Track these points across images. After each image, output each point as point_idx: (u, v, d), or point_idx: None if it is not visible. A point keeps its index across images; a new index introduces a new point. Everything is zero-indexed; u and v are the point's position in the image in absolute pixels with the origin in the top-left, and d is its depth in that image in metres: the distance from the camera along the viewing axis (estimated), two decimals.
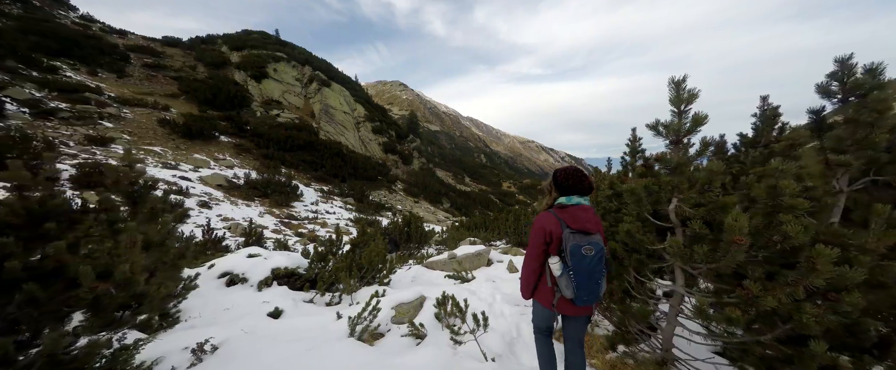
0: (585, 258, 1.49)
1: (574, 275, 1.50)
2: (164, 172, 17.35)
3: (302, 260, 4.17)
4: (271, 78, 35.95)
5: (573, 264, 1.50)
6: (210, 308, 3.01)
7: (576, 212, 1.57)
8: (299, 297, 3.51)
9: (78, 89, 21.59)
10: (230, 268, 3.76)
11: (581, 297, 1.53)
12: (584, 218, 1.56)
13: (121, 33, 34.42)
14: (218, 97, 28.86)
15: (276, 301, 3.28)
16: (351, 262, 3.70)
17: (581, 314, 1.65)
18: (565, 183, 1.64)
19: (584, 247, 1.49)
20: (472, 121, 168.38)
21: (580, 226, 1.53)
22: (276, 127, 29.14)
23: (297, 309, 3.21)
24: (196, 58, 35.29)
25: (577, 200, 1.61)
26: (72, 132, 17.62)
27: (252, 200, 18.46)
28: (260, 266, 3.84)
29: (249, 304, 3.16)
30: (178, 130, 22.55)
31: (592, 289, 1.51)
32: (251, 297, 3.34)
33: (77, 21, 31.56)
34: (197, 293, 3.24)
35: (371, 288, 3.81)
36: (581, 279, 1.49)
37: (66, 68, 23.77)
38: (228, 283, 3.63)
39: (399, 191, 31.79)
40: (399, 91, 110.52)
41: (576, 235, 1.51)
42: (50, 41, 24.65)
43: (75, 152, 15.55)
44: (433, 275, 4.78)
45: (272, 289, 3.63)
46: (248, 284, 3.65)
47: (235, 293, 3.44)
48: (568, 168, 1.71)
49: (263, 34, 47.10)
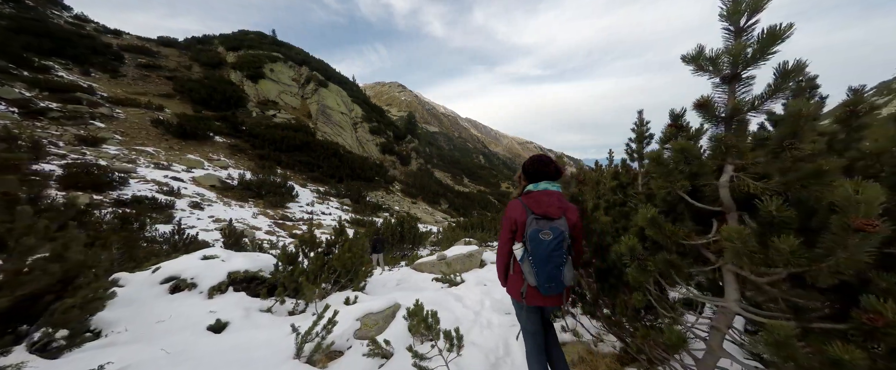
0: (542, 242, 1.49)
1: (533, 260, 1.51)
2: (155, 173, 16.90)
3: (268, 262, 3.72)
4: (268, 78, 35.58)
5: (531, 249, 1.51)
6: (141, 320, 2.52)
7: (540, 196, 1.60)
8: (256, 306, 3.02)
9: (69, 89, 21.22)
10: (177, 271, 3.30)
11: (542, 284, 1.52)
12: (546, 202, 1.57)
13: (115, 33, 34.15)
14: (213, 97, 28.47)
15: (226, 311, 2.78)
16: (322, 265, 3.25)
17: (548, 305, 1.64)
18: (531, 169, 1.70)
19: (542, 231, 1.50)
20: (470, 122, 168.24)
21: (542, 211, 1.55)
22: (273, 127, 28.73)
23: (249, 320, 2.73)
24: (192, 58, 34.97)
25: (545, 186, 1.64)
26: (61, 132, 17.22)
27: (246, 201, 17.99)
28: (214, 269, 3.36)
29: (191, 315, 2.68)
30: (172, 131, 22.14)
31: (552, 275, 1.50)
32: (196, 307, 2.85)
33: (71, 21, 31.28)
34: (131, 302, 2.81)
35: (344, 293, 3.37)
36: (539, 265, 1.50)
37: (58, 68, 23.43)
38: (172, 290, 3.16)
39: (397, 192, 31.30)
40: (397, 92, 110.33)
41: (539, 220, 1.53)
42: (42, 40, 24.34)
43: (64, 152, 15.14)
44: (420, 278, 4.38)
45: (226, 296, 3.13)
46: (196, 291, 3.15)
47: (179, 301, 2.95)
48: (535, 156, 1.75)
49: (260, 34, 46.82)
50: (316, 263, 3.34)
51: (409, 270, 4.64)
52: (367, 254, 8.79)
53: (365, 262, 3.60)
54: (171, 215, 12.19)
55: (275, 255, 3.87)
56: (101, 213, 9.23)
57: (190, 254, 3.77)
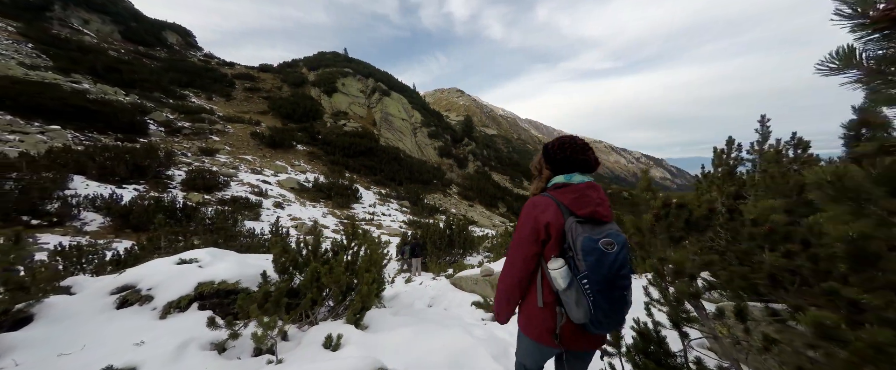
0: (607, 256, 1.01)
1: (589, 285, 1.02)
2: (251, 177, 20.10)
3: (263, 269, 2.75)
4: (340, 92, 39.62)
5: (588, 268, 1.01)
6: (52, 347, 2.00)
7: (585, 191, 1.12)
8: (206, 338, 2.18)
9: (197, 111, 26.77)
10: (135, 279, 2.70)
11: (599, 319, 1.04)
12: (595, 199, 1.11)
13: (230, 65, 42.12)
14: (296, 111, 32.82)
15: (156, 344, 2.05)
16: (312, 280, 2.44)
17: (591, 349, 1.16)
18: (561, 155, 1.20)
19: (601, 240, 1.02)
20: (530, 123, 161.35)
21: (591, 212, 1.08)
22: (342, 135, 31.73)
23: (183, 362, 1.94)
24: (282, 79, 41.05)
25: (581, 178, 1.17)
26: (190, 145, 21.78)
27: (318, 202, 20.10)
28: (184, 278, 2.68)
29: (112, 346, 2.05)
30: (265, 141, 26.16)
31: (617, 306, 1.04)
32: (130, 332, 2.21)
33: (201, 58, 39.82)
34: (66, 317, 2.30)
35: (335, 326, 2.42)
36: (600, 291, 1.01)
37: (191, 95, 29.85)
38: (121, 303, 2.53)
39: (454, 195, 31.45)
40: (456, 97, 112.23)
41: (585, 226, 1.06)
42: (182, 75, 31.36)
43: (190, 161, 19.08)
44: (458, 298, 3.65)
45: (182, 316, 2.43)
46: (148, 306, 2.50)
47: (118, 321, 2.34)
48: (563, 137, 1.24)
49: (335, 54, 52.64)
50: (309, 277, 2.47)
51: (447, 285, 4.03)
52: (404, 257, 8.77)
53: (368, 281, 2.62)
54: (259, 213, 14.16)
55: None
56: (207, 210, 11.15)
57: (166, 257, 3.15)
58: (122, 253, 4.94)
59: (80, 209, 9.62)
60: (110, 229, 9.38)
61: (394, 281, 5.29)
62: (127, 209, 9.67)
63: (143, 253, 4.33)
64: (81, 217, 9.49)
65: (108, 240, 8.67)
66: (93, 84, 23.08)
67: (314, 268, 2.46)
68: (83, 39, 29.26)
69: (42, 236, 8.06)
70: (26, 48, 23.39)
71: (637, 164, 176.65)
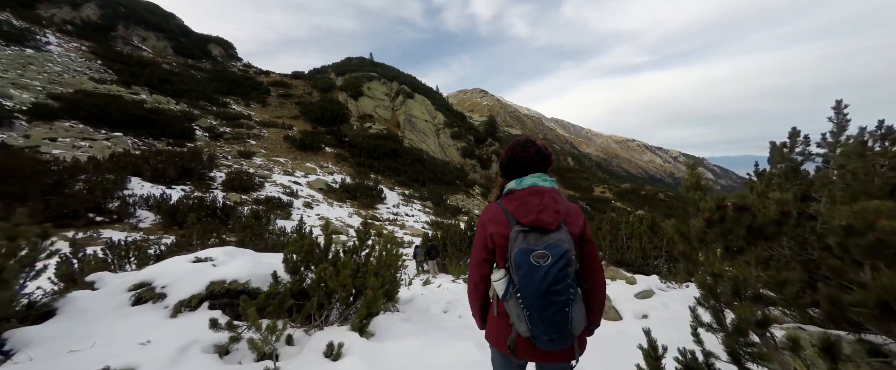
0: (537, 270, 0.96)
1: (523, 299, 0.99)
2: (284, 178, 21.22)
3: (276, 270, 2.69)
4: (366, 95, 40.78)
5: (520, 281, 0.99)
6: (62, 343, 2.03)
7: (526, 197, 1.07)
8: (209, 341, 2.15)
9: (237, 117, 28.75)
10: (152, 277, 2.72)
11: (538, 336, 1.00)
12: (537, 205, 1.04)
13: (266, 74, 44.89)
14: (325, 115, 34.21)
15: (167, 341, 2.05)
16: (320, 281, 2.36)
17: (555, 361, 1.09)
18: (510, 159, 1.17)
19: (534, 252, 0.98)
20: (557, 122, 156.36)
21: (533, 220, 1.02)
22: (368, 137, 32.58)
23: (182, 365, 1.92)
24: (312, 85, 43.04)
25: (531, 181, 1.11)
26: (230, 149, 23.42)
27: (344, 202, 20.76)
28: (198, 276, 2.67)
29: (118, 344, 2.07)
30: (296, 144, 27.52)
31: (554, 322, 0.97)
32: (139, 330, 2.23)
33: (240, 68, 42.85)
34: (84, 313, 2.36)
35: (341, 330, 2.34)
36: (533, 306, 0.97)
37: (231, 103, 32.14)
38: (136, 300, 2.57)
39: (477, 196, 31.13)
40: (479, 98, 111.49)
41: (528, 236, 1.02)
42: (224, 84, 33.88)
43: (230, 163, 20.51)
44: None
45: (192, 315, 2.42)
46: (161, 305, 2.51)
47: (132, 318, 2.37)
48: (514, 141, 1.22)
49: (361, 59, 54.34)
50: (316, 279, 2.38)
51: (464, 289, 3.91)
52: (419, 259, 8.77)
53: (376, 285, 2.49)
54: (290, 212, 14.84)
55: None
56: (244, 210, 11.85)
57: (184, 255, 3.20)
58: (162, 249, 5.31)
59: (136, 207, 10.60)
60: (160, 226, 10.24)
61: (411, 283, 5.23)
62: (174, 208, 10.51)
63: (177, 249, 4.62)
64: (137, 215, 10.45)
65: (157, 236, 9.45)
66: (149, 95, 25.59)
67: (322, 269, 2.38)
68: (141, 55, 32.59)
69: (104, 231, 8.96)
70: (96, 64, 26.45)
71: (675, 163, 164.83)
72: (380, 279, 2.44)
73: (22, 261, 1.99)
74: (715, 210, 0.97)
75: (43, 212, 8.36)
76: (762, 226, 0.92)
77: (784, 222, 0.93)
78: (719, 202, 0.98)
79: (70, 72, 23.52)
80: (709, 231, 0.98)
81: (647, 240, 6.08)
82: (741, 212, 0.94)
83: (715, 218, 0.97)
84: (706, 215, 0.98)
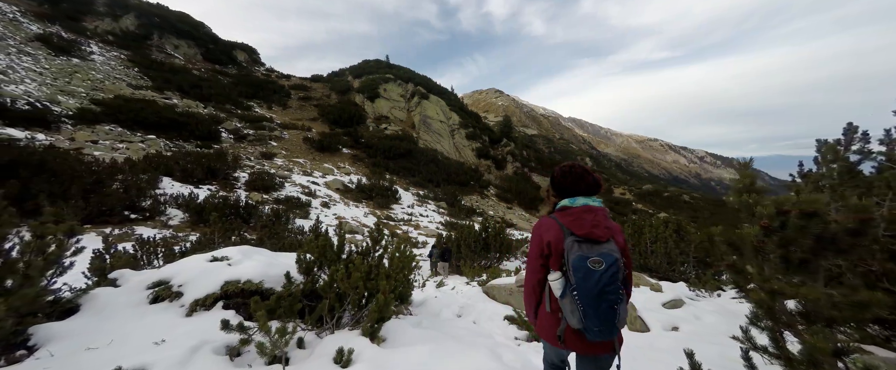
0: (593, 273, 1.17)
1: (579, 297, 1.19)
2: (303, 178, 21.82)
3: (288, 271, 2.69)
4: (382, 97, 41.35)
5: (577, 282, 1.20)
6: (82, 341, 2.05)
7: (581, 214, 1.31)
8: (221, 341, 2.14)
9: (260, 120, 29.88)
10: (169, 275, 2.73)
11: (591, 328, 1.20)
12: (590, 221, 1.27)
13: (287, 77, 46.45)
14: (342, 117, 34.96)
15: (180, 341, 2.05)
16: (331, 283, 2.30)
17: (597, 353, 1.29)
18: (564, 181, 1.42)
19: (590, 258, 1.19)
20: (574, 121, 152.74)
21: (586, 232, 1.25)
22: (384, 138, 33.00)
23: (192, 366, 1.92)
24: (331, 88, 44.12)
25: (584, 201, 1.36)
26: (253, 150, 24.35)
27: (360, 202, 21.08)
28: (213, 275, 2.67)
29: (133, 343, 2.07)
30: (314, 145, 28.25)
31: (606, 317, 1.18)
32: (155, 328, 2.24)
33: (263, 73, 44.57)
34: (103, 309, 2.41)
35: (352, 335, 2.29)
36: (588, 303, 1.18)
37: (255, 106, 33.45)
38: (154, 299, 2.59)
39: (491, 197, 30.83)
40: (494, 98, 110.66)
41: (582, 245, 1.24)
42: (248, 88, 35.33)
43: (252, 164, 21.33)
44: (490, 310, 3.28)
45: (207, 314, 2.43)
46: (177, 303, 2.52)
47: (149, 316, 2.40)
48: (565, 164, 1.46)
49: (377, 61, 55.21)
50: (328, 281, 2.34)
51: (479, 293, 3.68)
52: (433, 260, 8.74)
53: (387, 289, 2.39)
54: (308, 212, 15.21)
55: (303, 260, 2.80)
56: (264, 209, 12.23)
57: (202, 253, 3.21)
58: (187, 246, 5.52)
59: (166, 206, 11.17)
60: (188, 224, 10.73)
61: (425, 285, 5.18)
62: (201, 206, 11.00)
63: (199, 247, 4.78)
64: (167, 213, 11.00)
65: (186, 233, 9.92)
66: (180, 99, 27.06)
67: (333, 271, 2.32)
68: (174, 62, 34.54)
69: (138, 228, 9.48)
70: (133, 72, 28.27)
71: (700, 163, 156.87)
72: (392, 282, 2.37)
73: (48, 258, 2.06)
74: (775, 216, 0.83)
75: (83, 209, 8.96)
76: (834, 235, 0.77)
77: (863, 232, 0.78)
78: (780, 206, 0.83)
79: (110, 79, 25.25)
80: (767, 240, 0.84)
81: (672, 245, 5.75)
82: (808, 219, 0.79)
83: (775, 225, 0.83)
84: (764, 222, 0.84)
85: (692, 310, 3.29)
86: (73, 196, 8.80)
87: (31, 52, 23.05)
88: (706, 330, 2.83)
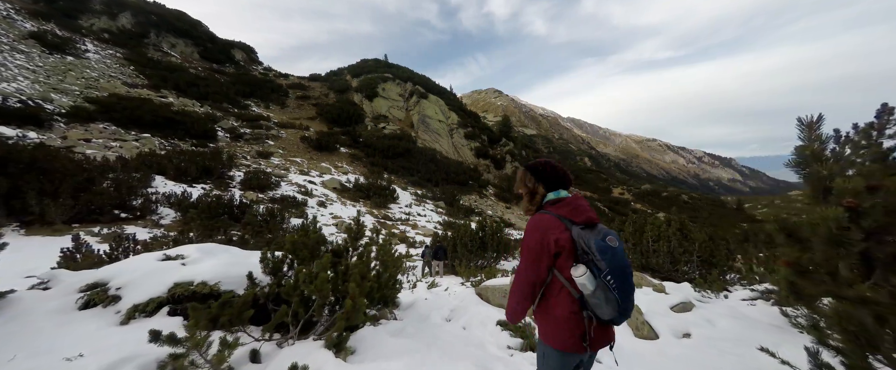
0: (616, 251, 1.16)
1: (614, 279, 1.13)
2: (299, 177, 21.58)
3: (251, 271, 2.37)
4: (380, 96, 41.14)
5: (608, 264, 1.14)
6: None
7: (575, 202, 1.31)
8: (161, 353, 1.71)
9: (257, 119, 29.62)
10: (108, 276, 2.41)
11: (625, 308, 1.16)
12: (585, 206, 1.30)
13: (285, 77, 46.17)
14: (341, 116, 34.73)
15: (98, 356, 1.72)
16: (295, 285, 2.01)
17: (605, 345, 1.25)
18: (553, 173, 1.40)
19: (607, 237, 1.18)
20: (573, 121, 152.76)
21: (586, 218, 1.25)
22: (382, 138, 32.78)
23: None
24: (329, 87, 43.87)
25: (565, 192, 1.38)
26: (250, 149, 24.11)
27: (357, 201, 20.87)
28: (160, 277, 2.36)
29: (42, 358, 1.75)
30: (312, 145, 28.02)
31: (631, 292, 1.18)
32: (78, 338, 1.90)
33: (261, 72, 44.28)
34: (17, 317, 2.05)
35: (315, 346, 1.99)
36: (622, 281, 1.14)
37: (252, 104, 33.20)
38: (85, 304, 2.25)
39: (490, 196, 30.66)
40: (493, 98, 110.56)
41: (589, 231, 1.21)
42: (245, 87, 35.06)
43: (249, 163, 21.09)
44: (483, 314, 3.03)
45: (152, 320, 2.11)
46: (113, 309, 2.19)
47: (71, 325, 2.05)
48: (542, 160, 1.47)
49: (376, 60, 54.97)
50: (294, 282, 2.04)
51: (472, 295, 3.42)
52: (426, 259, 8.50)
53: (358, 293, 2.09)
54: (304, 211, 14.99)
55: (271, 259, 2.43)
56: (259, 208, 12.03)
57: (151, 252, 2.90)
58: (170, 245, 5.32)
59: (158, 205, 10.94)
60: (180, 223, 10.51)
61: (416, 285, 4.98)
62: (194, 205, 10.78)
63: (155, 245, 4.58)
64: (158, 212, 10.77)
65: (177, 232, 9.70)
66: (176, 98, 26.78)
67: (298, 271, 2.02)
68: (170, 60, 34.24)
69: (128, 227, 9.26)
70: (129, 70, 27.97)
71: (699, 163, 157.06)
72: (365, 285, 2.10)
73: None
74: (865, 193, 0.59)
75: (73, 207, 8.73)
76: None
77: None
78: (871, 177, 0.60)
79: (105, 77, 24.97)
80: (853, 227, 0.60)
81: (676, 244, 5.58)
82: None
83: (865, 206, 0.59)
84: (849, 201, 0.61)
85: (703, 314, 3.07)
86: (62, 194, 8.59)
87: (24, 50, 22.75)
88: (721, 336, 2.57)
